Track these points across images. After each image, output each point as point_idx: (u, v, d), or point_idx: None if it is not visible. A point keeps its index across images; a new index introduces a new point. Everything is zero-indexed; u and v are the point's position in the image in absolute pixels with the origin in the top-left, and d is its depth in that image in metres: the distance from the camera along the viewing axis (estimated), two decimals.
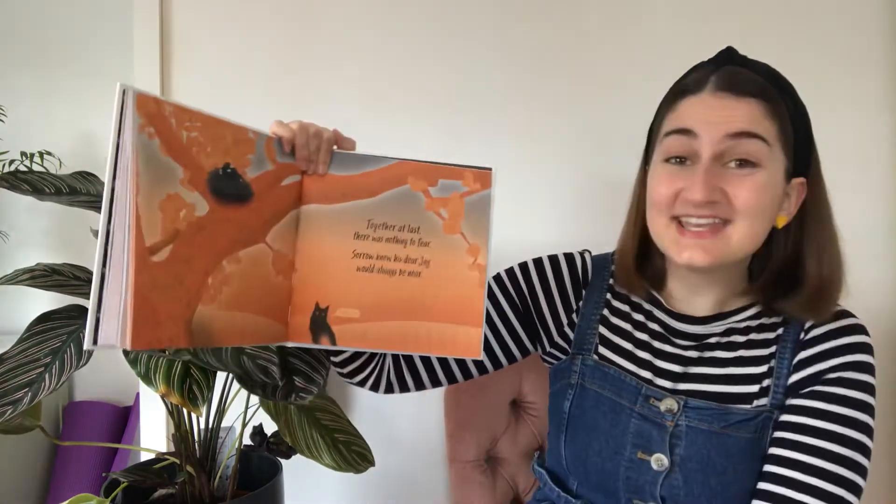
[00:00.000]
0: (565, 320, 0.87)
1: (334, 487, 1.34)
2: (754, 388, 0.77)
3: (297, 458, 1.02)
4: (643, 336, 0.83)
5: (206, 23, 1.29)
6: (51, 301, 2.02)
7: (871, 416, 0.73)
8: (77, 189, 0.88)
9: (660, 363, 0.81)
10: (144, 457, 1.07)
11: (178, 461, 0.93)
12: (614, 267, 0.88)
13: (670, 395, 0.78)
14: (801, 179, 0.75)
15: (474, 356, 0.71)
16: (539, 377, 1.21)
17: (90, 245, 1.18)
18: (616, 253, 0.88)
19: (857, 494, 0.69)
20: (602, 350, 0.84)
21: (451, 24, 1.29)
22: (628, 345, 0.83)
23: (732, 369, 0.78)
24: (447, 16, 1.29)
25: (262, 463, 1.07)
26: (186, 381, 0.81)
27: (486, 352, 0.87)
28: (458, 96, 1.30)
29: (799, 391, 0.75)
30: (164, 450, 1.21)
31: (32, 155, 2.01)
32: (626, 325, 0.85)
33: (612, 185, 1.29)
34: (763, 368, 0.77)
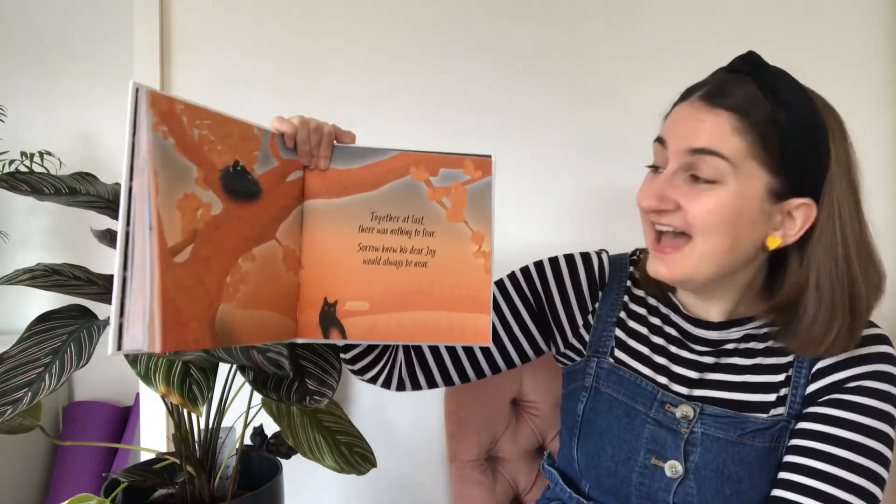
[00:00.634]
0: (580, 321, 0.86)
1: (334, 487, 1.34)
2: (771, 397, 0.75)
3: (297, 459, 1.02)
4: (660, 340, 0.82)
5: (206, 23, 1.29)
6: (51, 301, 2.03)
7: (892, 425, 0.71)
8: (77, 189, 0.88)
9: (676, 368, 0.79)
10: (144, 457, 1.07)
11: (178, 461, 0.93)
12: (632, 268, 0.87)
13: (686, 401, 0.77)
14: (806, 200, 0.68)
15: (483, 343, 0.72)
16: (539, 376, 1.21)
17: (90, 245, 1.19)
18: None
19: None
20: (618, 353, 0.83)
21: (451, 25, 1.29)
22: (645, 349, 0.82)
23: (749, 377, 0.77)
24: (448, 16, 1.29)
25: (262, 463, 1.07)
26: (186, 381, 0.81)
27: (499, 351, 0.86)
28: (458, 96, 1.30)
29: (817, 399, 0.73)
30: (164, 450, 1.21)
31: (32, 155, 2.01)
32: (643, 329, 0.83)
33: (615, 186, 1.29)
34: (781, 377, 0.76)
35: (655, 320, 0.83)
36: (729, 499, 0.73)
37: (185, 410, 0.91)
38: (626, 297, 0.86)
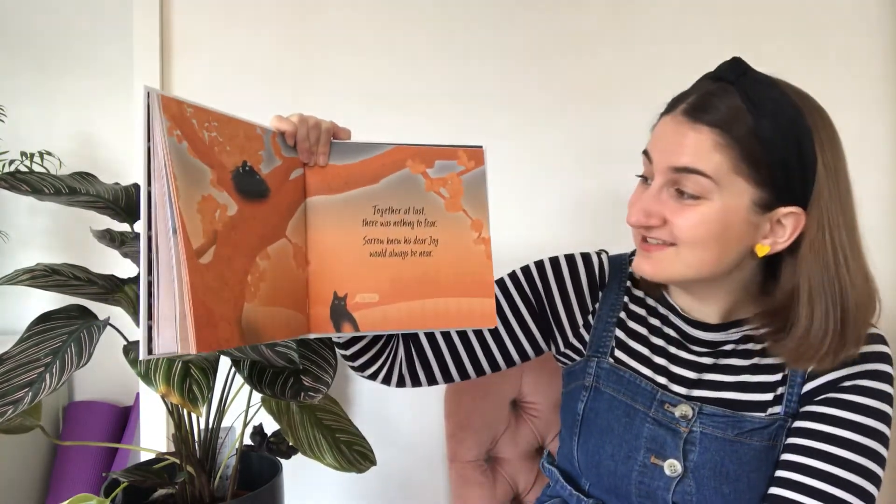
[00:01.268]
0: (581, 321, 0.87)
1: (334, 487, 1.34)
2: (768, 397, 0.76)
3: (297, 458, 1.02)
4: (659, 341, 0.82)
5: (206, 22, 1.30)
6: (51, 301, 2.03)
7: (888, 425, 0.71)
8: (77, 189, 0.88)
9: (675, 369, 0.80)
10: (144, 457, 1.07)
11: (178, 461, 0.93)
12: (631, 268, 0.87)
13: (685, 400, 0.77)
14: (794, 209, 0.68)
15: (490, 325, 0.74)
16: (539, 377, 1.21)
17: (90, 245, 1.19)
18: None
19: (870, 502, 0.68)
20: (618, 353, 0.83)
21: (451, 25, 1.29)
22: (644, 349, 0.82)
23: (747, 377, 0.77)
24: (447, 16, 1.29)
25: (262, 463, 1.07)
26: (186, 380, 0.81)
27: (499, 349, 0.86)
28: (457, 96, 1.30)
29: (813, 398, 0.74)
30: (164, 450, 1.21)
31: (32, 155, 2.01)
32: (643, 330, 0.84)
33: (614, 185, 1.29)
34: (777, 377, 0.76)
35: (655, 321, 0.84)
36: (727, 497, 0.74)
37: (185, 410, 0.91)
38: (626, 298, 0.86)
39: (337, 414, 1.03)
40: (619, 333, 0.84)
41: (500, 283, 0.88)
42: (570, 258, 0.88)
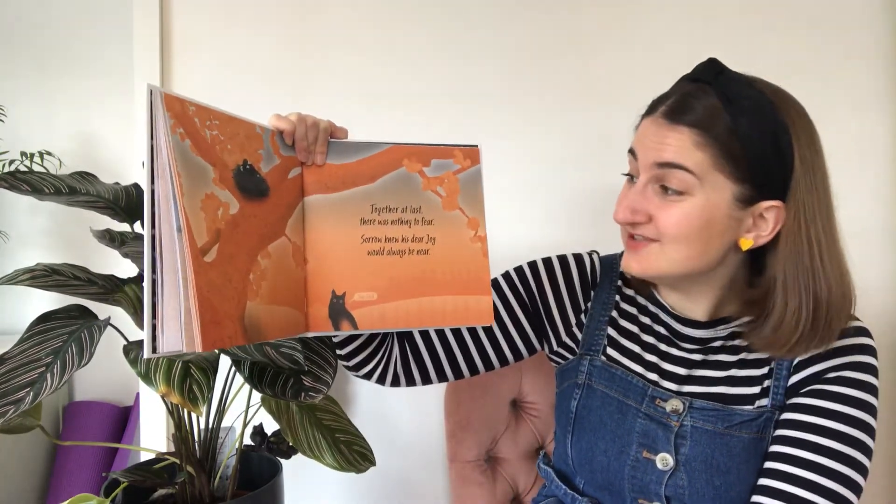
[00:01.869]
0: (573, 320, 0.88)
1: (334, 487, 1.34)
2: (755, 390, 0.78)
3: (297, 458, 1.02)
4: (650, 339, 0.84)
5: (206, 22, 1.30)
6: (51, 301, 2.03)
7: (872, 415, 0.73)
8: (77, 189, 0.88)
9: (666, 366, 0.82)
10: (144, 457, 1.07)
11: (178, 461, 0.94)
12: (621, 266, 0.89)
13: (675, 396, 0.79)
14: (775, 203, 0.70)
15: (487, 322, 0.75)
16: (539, 377, 1.21)
17: (90, 245, 1.19)
18: None
19: (856, 492, 0.69)
20: (610, 351, 0.85)
21: (451, 25, 1.30)
22: (636, 347, 0.84)
23: (735, 371, 0.79)
24: (447, 16, 1.29)
25: (262, 463, 1.08)
26: (186, 380, 0.81)
27: (493, 348, 0.87)
28: (457, 96, 1.30)
29: (799, 391, 0.76)
30: (164, 450, 1.21)
31: (32, 155, 2.01)
32: (634, 328, 0.85)
33: (612, 184, 1.29)
34: (764, 370, 0.78)
35: (645, 319, 0.85)
36: (718, 489, 0.75)
37: (185, 410, 0.91)
38: (617, 297, 0.88)
39: (336, 414, 1.03)
40: (610, 332, 0.86)
41: (493, 282, 0.89)
42: (562, 258, 0.90)
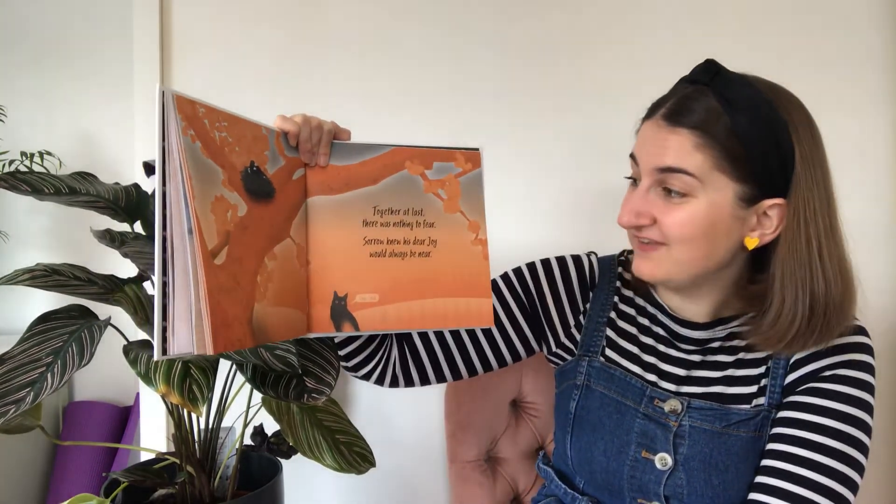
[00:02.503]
0: (572, 321, 0.88)
1: (334, 488, 1.34)
2: (752, 389, 0.78)
3: (298, 459, 1.02)
4: (648, 340, 0.84)
5: (206, 22, 1.30)
6: (51, 301, 2.03)
7: (869, 413, 0.73)
8: (77, 189, 0.88)
9: (664, 366, 0.82)
10: (144, 457, 1.07)
11: (178, 461, 0.93)
12: (620, 269, 0.89)
13: (674, 396, 0.79)
14: (778, 201, 0.70)
15: (487, 325, 0.75)
16: (539, 377, 1.21)
17: (90, 245, 1.19)
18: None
19: (852, 489, 0.70)
20: (609, 352, 0.85)
21: (451, 25, 1.30)
22: (634, 348, 0.84)
23: (732, 371, 0.80)
24: (447, 16, 1.29)
25: (262, 463, 1.07)
26: (186, 380, 0.81)
27: (492, 349, 0.88)
28: (456, 97, 1.30)
29: (795, 389, 0.76)
30: (164, 450, 1.21)
31: (32, 155, 2.01)
32: (632, 329, 0.86)
33: (612, 184, 1.29)
34: (761, 369, 0.79)
35: (644, 320, 0.86)
36: (716, 488, 0.75)
37: (185, 410, 0.91)
38: (615, 298, 0.88)
39: (336, 415, 1.03)
40: (609, 333, 0.86)
41: (492, 284, 0.89)
42: (560, 260, 0.90)
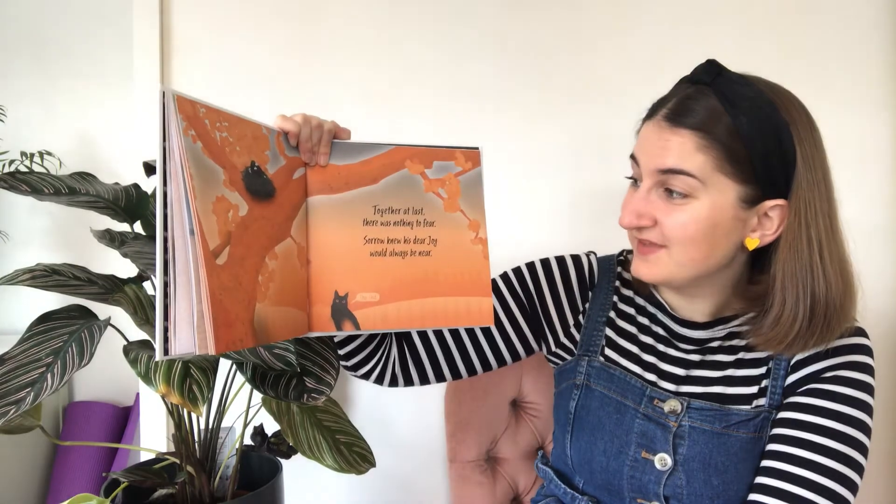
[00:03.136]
0: (571, 321, 0.88)
1: (334, 488, 1.34)
2: (753, 389, 0.78)
3: (298, 458, 1.02)
4: (648, 339, 0.84)
5: (206, 23, 1.29)
6: (51, 301, 2.02)
7: (868, 414, 0.73)
8: (77, 189, 0.88)
9: (664, 366, 0.82)
10: (144, 457, 1.07)
11: (178, 461, 0.93)
12: (620, 268, 0.89)
13: (674, 396, 0.79)
14: (780, 202, 0.70)
15: (488, 324, 0.76)
16: (539, 377, 1.21)
17: (90, 245, 1.19)
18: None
19: (852, 490, 0.70)
20: (608, 352, 0.85)
21: (451, 26, 1.29)
22: (634, 348, 0.84)
23: (732, 371, 0.79)
24: (448, 16, 1.29)
25: (262, 463, 1.08)
26: (186, 380, 0.81)
27: (491, 349, 0.87)
28: (456, 97, 1.30)
29: (796, 390, 0.76)
30: (164, 450, 1.21)
31: (32, 155, 2.01)
32: (632, 329, 0.86)
33: (612, 184, 1.29)
34: (762, 370, 0.79)
35: (644, 320, 0.86)
36: (716, 489, 0.75)
37: (185, 410, 0.91)
38: (615, 298, 0.88)
39: (337, 415, 1.03)
40: (608, 332, 0.86)
41: (492, 284, 0.89)
42: (560, 260, 0.90)
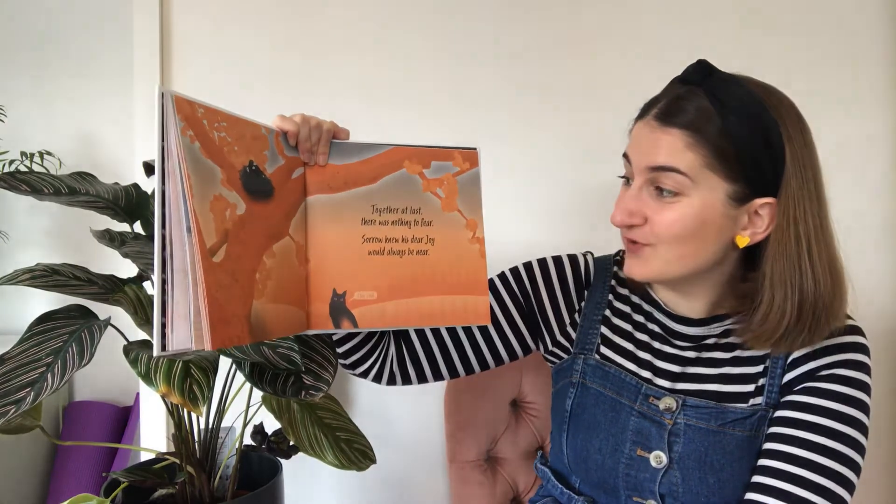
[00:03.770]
0: (568, 320, 0.88)
1: (334, 487, 1.34)
2: (750, 388, 0.78)
3: (298, 458, 1.02)
4: (643, 337, 0.84)
5: (206, 23, 1.30)
6: (51, 301, 2.03)
7: (865, 413, 0.73)
8: (77, 189, 0.88)
9: (659, 363, 0.82)
10: (144, 457, 1.07)
11: (178, 461, 0.94)
12: (616, 268, 0.90)
13: (669, 393, 0.79)
14: (769, 200, 0.71)
15: (484, 322, 0.76)
16: (539, 377, 1.21)
17: (90, 245, 1.19)
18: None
19: (849, 489, 0.70)
20: (604, 350, 0.85)
21: (450, 26, 1.30)
22: (629, 345, 0.84)
23: (729, 369, 0.80)
24: (446, 17, 1.29)
25: (262, 463, 1.08)
26: (187, 380, 0.81)
27: (488, 347, 0.88)
28: (455, 96, 1.30)
29: (793, 388, 0.76)
30: (164, 450, 1.21)
31: (32, 155, 2.01)
32: (627, 326, 0.86)
33: (608, 188, 1.29)
34: (758, 368, 0.79)
35: (639, 317, 0.86)
36: (712, 487, 0.75)
37: (185, 410, 0.91)
38: (610, 296, 0.88)
39: (337, 412, 1.04)
40: (604, 330, 0.86)
41: (489, 283, 0.89)
42: (556, 259, 0.91)
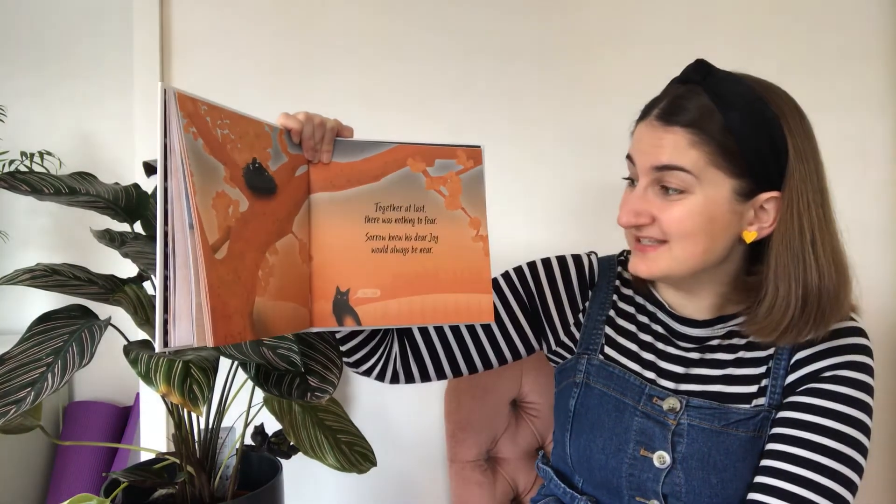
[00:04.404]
0: (572, 320, 0.89)
1: (334, 488, 1.34)
2: (753, 389, 0.78)
3: (298, 458, 1.02)
4: (647, 338, 0.85)
5: (206, 23, 1.30)
6: (51, 301, 2.03)
7: (868, 414, 0.74)
8: (77, 189, 0.88)
9: (663, 364, 0.82)
10: (144, 457, 1.07)
11: (178, 461, 0.93)
12: (620, 268, 0.90)
13: (673, 394, 0.79)
14: (774, 194, 0.71)
15: (488, 320, 0.76)
16: (539, 377, 1.21)
17: (90, 245, 1.19)
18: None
19: (852, 490, 0.70)
20: (607, 350, 0.86)
21: (450, 26, 1.30)
22: (633, 346, 0.84)
23: (732, 370, 0.80)
24: (446, 17, 1.29)
25: (262, 463, 1.08)
26: (187, 380, 0.81)
27: (492, 347, 0.88)
28: (457, 96, 1.30)
29: (796, 389, 0.76)
30: (164, 450, 1.21)
31: (32, 155, 2.00)
32: (632, 327, 0.86)
33: (611, 187, 1.29)
34: (762, 369, 0.79)
35: (643, 318, 0.86)
36: (714, 487, 0.76)
37: (185, 410, 0.91)
38: (615, 296, 0.88)
39: (338, 414, 1.04)
40: (608, 331, 0.87)
41: (493, 282, 0.89)
42: (561, 259, 0.91)
